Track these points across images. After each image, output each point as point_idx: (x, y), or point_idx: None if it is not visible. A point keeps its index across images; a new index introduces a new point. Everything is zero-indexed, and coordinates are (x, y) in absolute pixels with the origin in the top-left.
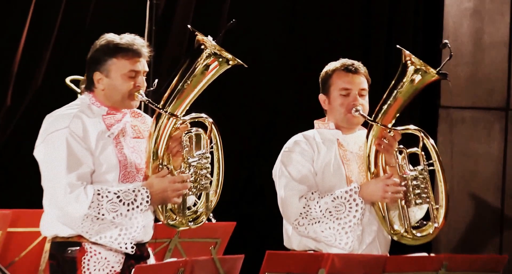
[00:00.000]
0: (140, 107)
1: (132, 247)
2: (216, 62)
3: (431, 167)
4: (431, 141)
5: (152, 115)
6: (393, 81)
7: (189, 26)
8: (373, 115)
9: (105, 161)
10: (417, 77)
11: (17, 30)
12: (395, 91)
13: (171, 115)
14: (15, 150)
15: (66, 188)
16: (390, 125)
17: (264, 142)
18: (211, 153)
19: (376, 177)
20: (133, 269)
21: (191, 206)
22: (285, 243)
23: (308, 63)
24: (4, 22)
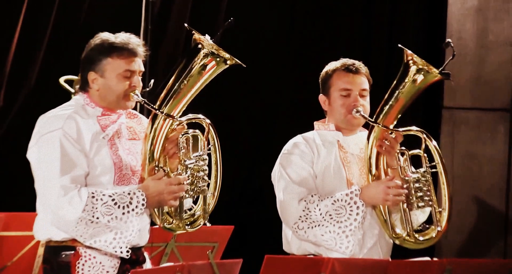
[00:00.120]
0: (136, 108)
1: (128, 251)
2: (214, 62)
3: (434, 169)
4: (434, 143)
5: (148, 116)
6: (395, 81)
7: (186, 25)
8: (374, 116)
9: (100, 163)
10: (419, 77)
11: (10, 28)
12: (397, 91)
13: (168, 116)
14: (8, 152)
15: (60, 191)
16: (392, 126)
17: (263, 144)
18: (209, 155)
19: (377, 180)
20: None
21: (187, 210)
22: (284, 247)
23: (308, 63)
24: None
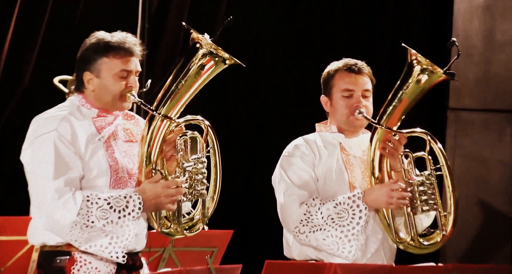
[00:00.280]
0: (132, 109)
1: (124, 256)
2: (212, 61)
3: (439, 172)
4: (439, 145)
5: (145, 117)
6: (398, 81)
7: (184, 23)
8: (377, 117)
9: (95, 166)
10: (424, 77)
11: (3, 27)
12: (401, 92)
13: (165, 117)
14: (1, 154)
15: (54, 194)
16: (395, 128)
17: (263, 146)
18: (208, 157)
19: (381, 183)
20: None
21: (186, 214)
22: (285, 253)
23: (309, 62)
24: None
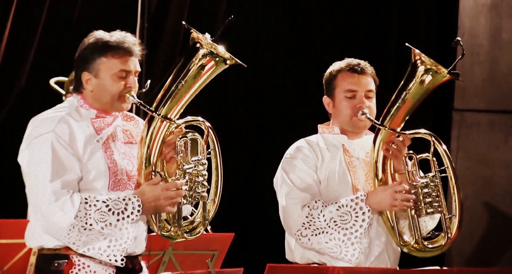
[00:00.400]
0: (131, 110)
1: (123, 260)
2: (213, 62)
3: (443, 174)
4: (443, 146)
5: (145, 118)
6: (402, 82)
7: (184, 22)
8: (381, 118)
9: (93, 168)
10: (428, 77)
11: None
12: (404, 92)
13: (165, 118)
14: None
15: (51, 196)
16: (399, 129)
17: (265, 148)
18: (208, 159)
19: (384, 185)
20: None
21: (188, 216)
22: (287, 256)
23: (311, 63)
24: None
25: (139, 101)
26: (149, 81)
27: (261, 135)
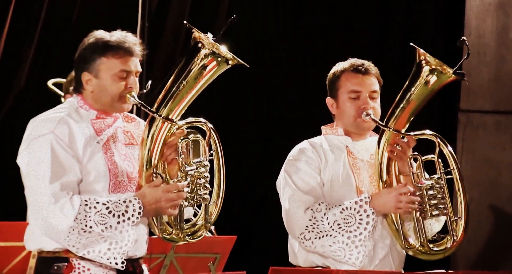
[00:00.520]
0: (132, 110)
1: (123, 263)
2: (215, 62)
3: (449, 176)
4: (449, 148)
5: (146, 119)
6: (407, 82)
7: (185, 22)
8: (385, 119)
9: (94, 169)
10: (433, 78)
11: None
12: (409, 93)
13: (166, 119)
14: None
15: (50, 198)
16: (404, 130)
17: (267, 149)
18: (210, 161)
19: (389, 187)
20: None
21: (191, 218)
22: (291, 259)
23: (315, 63)
24: None
25: (140, 102)
26: (150, 81)
27: (264, 136)
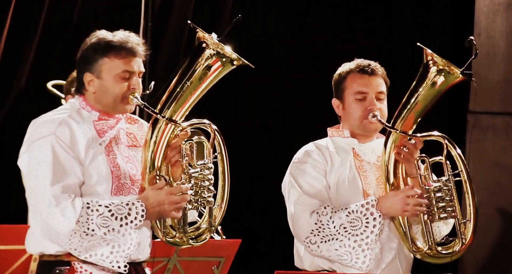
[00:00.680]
0: (135, 112)
1: (126, 266)
2: (219, 62)
3: (457, 178)
4: (457, 149)
5: (149, 120)
6: (414, 83)
7: (189, 21)
8: (392, 121)
9: (96, 171)
10: (440, 78)
11: None
12: (416, 94)
13: (170, 121)
14: None
15: (51, 201)
16: (411, 132)
17: (273, 152)
18: (215, 163)
19: (396, 189)
20: None
21: (197, 220)
22: (296, 263)
23: (321, 64)
24: None
25: (143, 103)
26: (153, 82)
27: (269, 138)
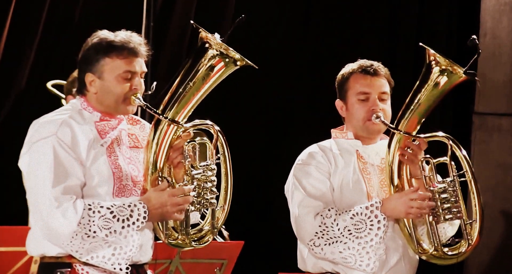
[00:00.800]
0: (137, 112)
1: (128, 268)
2: (222, 63)
3: (462, 178)
4: (462, 150)
5: (151, 121)
6: (417, 83)
7: (192, 21)
8: (395, 122)
9: (97, 173)
10: (443, 78)
11: None
12: (419, 95)
13: (172, 121)
14: None
15: (52, 202)
16: (415, 133)
17: (276, 153)
18: (218, 165)
19: (400, 191)
20: None
21: (200, 222)
22: (299, 265)
23: (325, 65)
24: None
25: (145, 103)
26: (155, 83)
27: (272, 140)
